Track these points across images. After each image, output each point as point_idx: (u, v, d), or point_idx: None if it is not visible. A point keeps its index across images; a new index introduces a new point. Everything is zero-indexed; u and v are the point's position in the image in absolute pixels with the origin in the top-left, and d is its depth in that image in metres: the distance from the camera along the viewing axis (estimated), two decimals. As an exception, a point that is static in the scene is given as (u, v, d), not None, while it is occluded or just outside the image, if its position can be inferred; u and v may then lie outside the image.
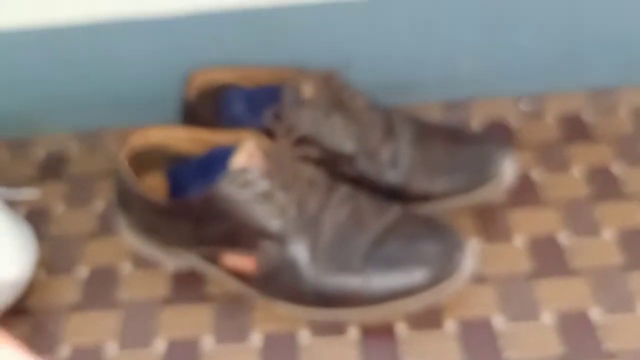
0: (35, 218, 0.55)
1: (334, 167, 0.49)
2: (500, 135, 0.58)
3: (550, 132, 0.58)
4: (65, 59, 0.57)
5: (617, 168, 0.55)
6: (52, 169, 0.59)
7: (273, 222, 0.44)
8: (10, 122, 0.61)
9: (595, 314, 0.45)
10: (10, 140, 0.62)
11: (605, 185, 0.53)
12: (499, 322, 0.45)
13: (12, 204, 0.56)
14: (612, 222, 0.50)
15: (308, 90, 0.49)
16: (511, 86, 0.61)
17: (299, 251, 0.44)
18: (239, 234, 0.44)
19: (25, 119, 0.61)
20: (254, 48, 0.57)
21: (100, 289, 0.49)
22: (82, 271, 0.51)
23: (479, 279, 0.47)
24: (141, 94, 0.59)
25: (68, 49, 0.57)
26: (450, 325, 0.45)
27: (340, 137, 0.49)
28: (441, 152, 0.50)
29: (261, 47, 0.57)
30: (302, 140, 0.48)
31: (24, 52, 0.57)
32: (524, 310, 0.45)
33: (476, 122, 0.60)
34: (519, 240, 0.50)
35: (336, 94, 0.49)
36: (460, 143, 0.51)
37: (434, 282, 0.43)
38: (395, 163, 0.50)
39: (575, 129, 0.58)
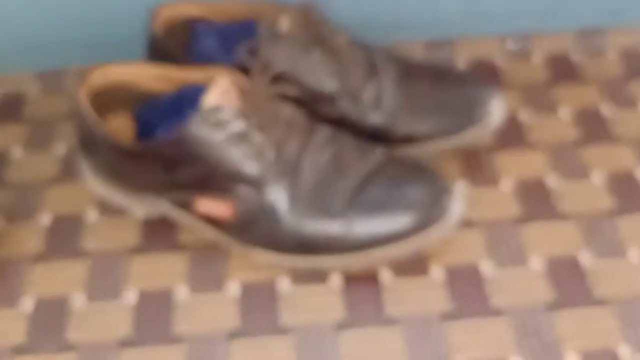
0: (-8, 163, 0.51)
1: (314, 107, 0.46)
2: (486, 76, 0.56)
3: (538, 73, 0.56)
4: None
5: (606, 110, 0.53)
6: (9, 110, 0.55)
7: (249, 165, 0.41)
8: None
9: (585, 259, 0.43)
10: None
11: (593, 127, 0.52)
12: (486, 268, 0.43)
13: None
14: (602, 165, 0.49)
15: (285, 24, 0.45)
16: (497, 25, 0.59)
17: (278, 196, 0.41)
18: (213, 178, 0.41)
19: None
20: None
21: (65, 238, 0.46)
22: (45, 219, 0.47)
23: (466, 224, 0.45)
24: (104, 30, 0.55)
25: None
26: (436, 272, 0.43)
27: (320, 75, 0.46)
28: (426, 92, 0.48)
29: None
30: (279, 78, 0.45)
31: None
32: (512, 255, 0.44)
33: (461, 62, 0.57)
34: (506, 184, 0.48)
35: (315, 29, 0.46)
36: (446, 83, 0.48)
37: (419, 227, 0.41)
38: (379, 103, 0.47)
39: (563, 70, 0.56)
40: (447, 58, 0.58)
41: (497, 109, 0.47)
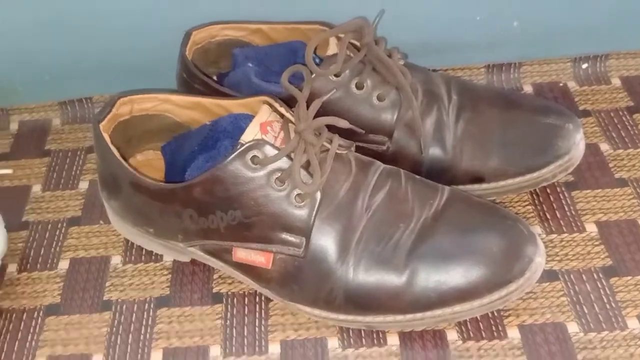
0: (9, 201, 0.46)
1: (367, 140, 0.41)
2: (559, 102, 0.49)
3: (618, 97, 0.49)
4: (47, 19, 0.48)
5: (703, 139, 0.46)
6: (30, 142, 0.50)
7: (294, 210, 0.35)
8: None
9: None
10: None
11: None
12: (574, 329, 0.36)
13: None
14: None
15: (334, 46, 0.40)
16: (569, 46, 0.52)
17: (326, 244, 0.35)
18: (252, 224, 0.35)
19: (2, 86, 0.51)
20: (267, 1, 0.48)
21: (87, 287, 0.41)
22: (64, 265, 0.42)
23: (548, 277, 0.39)
24: (135, 56, 0.50)
25: (51, 9, 0.47)
26: (514, 334, 0.36)
27: (374, 103, 0.40)
28: (495, 122, 0.42)
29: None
30: (328, 108, 0.39)
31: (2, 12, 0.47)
32: (604, 315, 0.37)
33: (528, 87, 0.51)
34: (593, 227, 0.41)
35: (369, 52, 0.40)
36: (518, 111, 0.42)
37: (496, 284, 0.35)
38: (440, 136, 0.41)
39: (648, 93, 0.49)
40: (512, 83, 0.51)
41: (579, 143, 0.41)
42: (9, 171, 0.48)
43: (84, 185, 0.47)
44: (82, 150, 0.49)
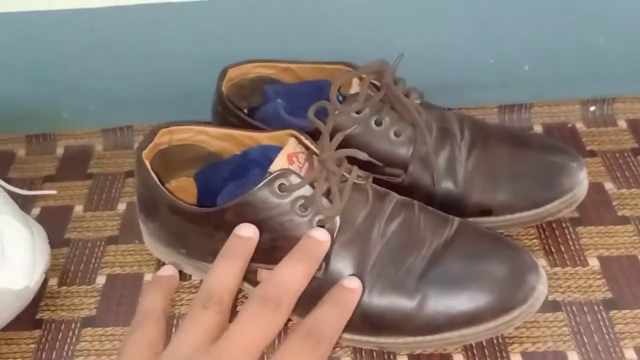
0: (53, 219, 0.50)
1: (384, 172, 0.44)
2: (567, 142, 0.52)
3: (624, 139, 0.52)
4: (92, 48, 0.52)
5: None
6: (74, 166, 0.54)
7: (315, 234, 0.38)
8: (33, 115, 0.56)
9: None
10: (29, 134, 0.57)
11: (691, 201, 0.47)
12: (574, 358, 0.39)
13: (27, 203, 0.51)
14: (702, 244, 0.44)
15: (356, 85, 0.43)
16: (577, 89, 0.55)
17: (344, 268, 0.38)
18: (277, 247, 0.38)
19: (48, 112, 0.56)
20: (295, 38, 0.52)
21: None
22: (101, 280, 0.46)
23: (551, 307, 0.41)
24: (174, 90, 0.54)
25: (96, 36, 0.52)
26: (517, 360, 0.39)
27: (391, 139, 0.44)
28: (504, 159, 0.45)
29: (304, 38, 0.52)
30: (349, 142, 0.42)
31: (49, 38, 0.52)
32: (603, 346, 0.39)
33: (538, 127, 0.54)
34: (595, 262, 0.43)
35: (388, 91, 0.44)
36: (526, 149, 0.45)
37: (501, 310, 0.37)
38: (452, 170, 0.44)
39: (652, 137, 0.52)
40: (523, 123, 0.54)
41: (583, 180, 0.44)
42: (53, 192, 0.52)
43: (122, 207, 0.51)
44: (122, 175, 0.53)
